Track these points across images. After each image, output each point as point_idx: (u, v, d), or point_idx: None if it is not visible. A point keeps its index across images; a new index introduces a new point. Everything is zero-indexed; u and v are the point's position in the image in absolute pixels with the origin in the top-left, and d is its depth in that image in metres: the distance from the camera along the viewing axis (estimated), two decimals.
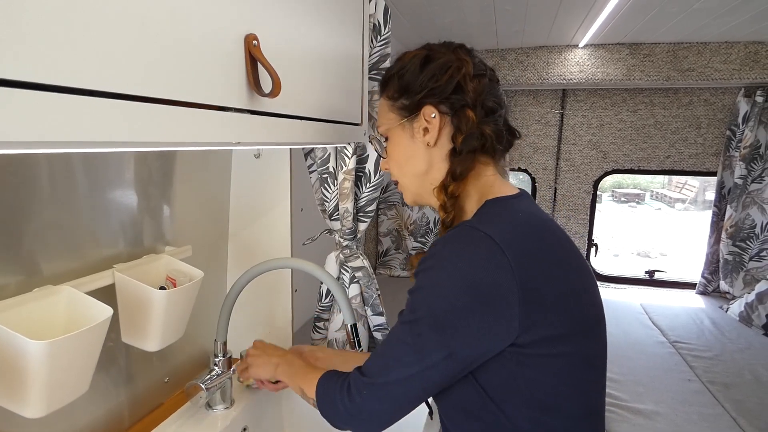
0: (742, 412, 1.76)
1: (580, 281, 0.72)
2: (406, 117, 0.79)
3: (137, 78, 0.44)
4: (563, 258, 0.71)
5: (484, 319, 0.63)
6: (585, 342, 0.71)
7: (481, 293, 0.63)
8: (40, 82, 0.35)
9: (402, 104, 0.80)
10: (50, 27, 0.36)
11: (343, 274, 1.39)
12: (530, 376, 0.67)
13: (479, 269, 0.63)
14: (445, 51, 0.78)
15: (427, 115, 0.77)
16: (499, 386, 0.69)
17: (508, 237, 0.65)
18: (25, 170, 0.74)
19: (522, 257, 0.64)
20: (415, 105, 0.78)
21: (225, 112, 0.58)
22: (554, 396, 0.69)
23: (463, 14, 2.15)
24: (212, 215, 1.26)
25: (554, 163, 3.25)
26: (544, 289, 0.65)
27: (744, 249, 2.92)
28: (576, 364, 0.70)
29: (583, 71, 2.78)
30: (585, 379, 0.72)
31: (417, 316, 0.67)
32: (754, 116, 2.74)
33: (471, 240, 0.65)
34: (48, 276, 0.79)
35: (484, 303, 0.63)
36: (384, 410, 0.71)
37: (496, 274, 0.62)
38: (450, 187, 0.77)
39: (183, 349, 1.18)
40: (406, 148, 0.81)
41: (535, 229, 0.70)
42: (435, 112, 0.76)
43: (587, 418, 0.73)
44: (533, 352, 0.66)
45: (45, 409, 0.67)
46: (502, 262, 0.62)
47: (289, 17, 0.72)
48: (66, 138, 0.38)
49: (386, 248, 3.34)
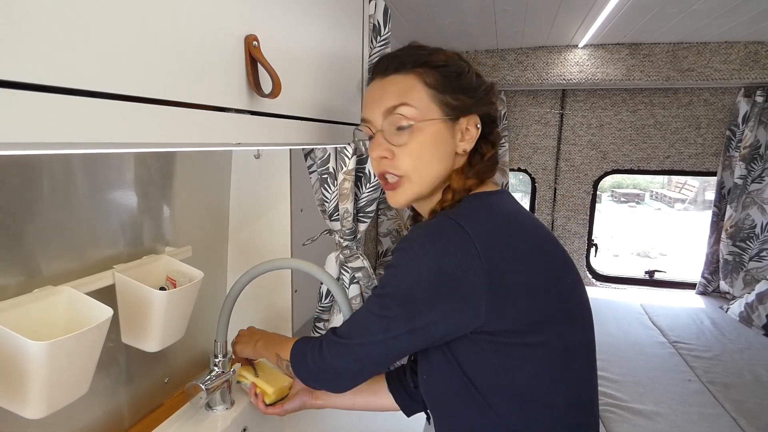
0: (742, 412, 1.75)
1: (558, 272, 0.74)
2: (449, 117, 0.76)
3: (137, 79, 0.44)
4: (538, 249, 0.72)
5: (447, 301, 0.67)
6: (564, 332, 0.72)
7: (447, 278, 0.66)
8: (39, 83, 0.35)
9: (447, 101, 0.76)
10: (50, 28, 0.36)
11: (343, 275, 1.38)
12: (507, 364, 0.69)
13: (448, 256, 0.66)
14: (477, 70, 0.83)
15: (471, 123, 0.78)
16: (480, 375, 0.71)
17: (478, 228, 0.67)
18: (26, 171, 0.74)
19: (492, 247, 0.66)
20: (465, 108, 0.77)
21: (225, 113, 0.58)
22: (535, 386, 0.70)
23: (463, 14, 2.15)
24: (212, 216, 1.26)
25: (554, 163, 3.25)
26: (515, 279, 0.67)
27: (744, 249, 2.91)
28: (555, 354, 0.71)
29: (583, 71, 2.78)
30: (568, 369, 0.73)
31: (386, 291, 0.71)
32: (754, 116, 2.74)
33: (444, 228, 0.68)
34: (48, 276, 0.79)
35: (449, 287, 0.66)
36: (348, 368, 0.77)
37: (463, 261, 0.65)
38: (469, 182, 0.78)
39: (183, 350, 1.18)
40: (439, 147, 0.76)
41: (509, 222, 0.73)
42: (479, 123, 0.78)
43: (575, 409, 0.73)
44: (507, 340, 0.69)
45: (45, 409, 0.67)
46: (471, 251, 0.65)
47: (289, 18, 0.72)
48: (66, 139, 0.38)
49: (386, 248, 3.33)
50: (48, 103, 0.36)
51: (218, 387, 1.05)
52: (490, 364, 0.70)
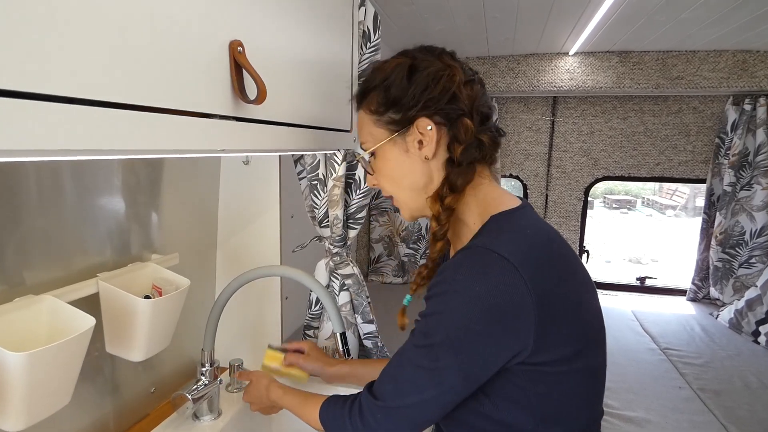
0: (732, 419, 1.76)
1: (585, 292, 0.71)
2: (397, 131, 0.75)
3: (118, 85, 0.43)
4: (570, 270, 0.69)
5: (500, 340, 0.63)
6: (592, 354, 0.70)
7: (498, 316, 0.62)
8: (17, 89, 0.34)
9: (390, 118, 0.75)
10: (26, 34, 0.35)
11: (333, 282, 1.38)
12: (542, 391, 0.66)
13: (495, 292, 0.61)
14: (430, 58, 0.74)
15: (421, 127, 0.73)
16: (504, 399, 0.68)
17: (520, 256, 0.63)
18: (9, 178, 0.73)
19: (536, 275, 0.62)
20: (407, 119, 0.73)
21: (209, 119, 0.57)
22: (561, 408, 0.68)
23: (453, 21, 2.16)
24: (201, 222, 1.25)
25: (545, 169, 3.26)
26: (558, 305, 0.64)
27: (733, 256, 2.93)
28: (586, 376, 0.69)
29: (574, 79, 2.80)
30: (592, 391, 0.72)
31: (433, 341, 0.65)
32: (743, 124, 2.76)
33: (485, 262, 0.63)
34: (30, 285, 0.78)
35: (501, 325, 0.62)
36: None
37: (512, 296, 0.61)
38: (447, 199, 0.74)
39: (169, 359, 1.17)
40: (401, 164, 0.76)
41: (544, 245, 0.69)
42: (430, 124, 0.72)
43: (588, 428, 0.73)
44: (551, 369, 0.65)
45: (25, 422, 0.66)
46: (517, 283, 0.61)
47: (275, 24, 0.71)
48: (46, 146, 0.37)
49: (378, 255, 3.33)
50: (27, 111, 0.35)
51: (205, 396, 1.04)
52: (521, 391, 0.67)
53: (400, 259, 3.29)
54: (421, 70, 0.73)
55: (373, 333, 1.41)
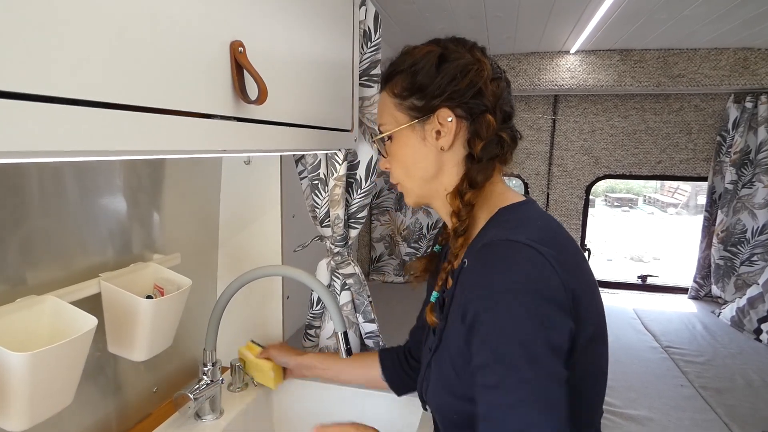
0: (734, 417, 1.75)
1: (594, 286, 0.70)
2: (417, 118, 0.75)
3: (119, 86, 0.43)
4: (580, 261, 0.69)
5: (565, 320, 0.60)
6: (602, 347, 0.69)
7: (552, 296, 0.59)
8: (18, 91, 0.34)
9: (413, 104, 0.75)
10: (25, 35, 0.35)
11: (335, 281, 1.38)
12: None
13: (540, 280, 0.59)
14: (461, 50, 0.74)
15: (442, 118, 0.73)
16: None
17: (539, 241, 0.62)
18: (11, 178, 0.73)
19: (557, 261, 0.61)
20: (429, 107, 0.74)
21: (210, 120, 0.57)
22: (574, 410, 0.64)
23: (454, 20, 2.16)
24: (202, 222, 1.25)
25: (546, 168, 3.26)
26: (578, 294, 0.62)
27: (735, 254, 2.93)
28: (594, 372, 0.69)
29: (575, 77, 2.80)
30: (598, 389, 0.71)
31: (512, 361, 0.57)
32: (744, 122, 2.76)
33: (514, 253, 0.62)
34: (32, 286, 0.78)
35: (558, 306, 0.60)
36: None
37: (551, 279, 0.60)
38: (467, 195, 0.73)
39: (171, 359, 1.17)
40: (416, 151, 0.77)
41: (556, 235, 0.69)
42: (451, 116, 0.72)
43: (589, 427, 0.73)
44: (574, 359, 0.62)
45: (28, 422, 0.66)
46: (548, 266, 0.60)
47: (276, 24, 0.71)
48: (47, 148, 0.37)
49: (379, 254, 3.33)
50: (27, 112, 0.35)
51: (207, 396, 1.04)
52: None
53: (401, 258, 3.29)
54: (451, 61, 0.73)
55: (374, 332, 1.42)
